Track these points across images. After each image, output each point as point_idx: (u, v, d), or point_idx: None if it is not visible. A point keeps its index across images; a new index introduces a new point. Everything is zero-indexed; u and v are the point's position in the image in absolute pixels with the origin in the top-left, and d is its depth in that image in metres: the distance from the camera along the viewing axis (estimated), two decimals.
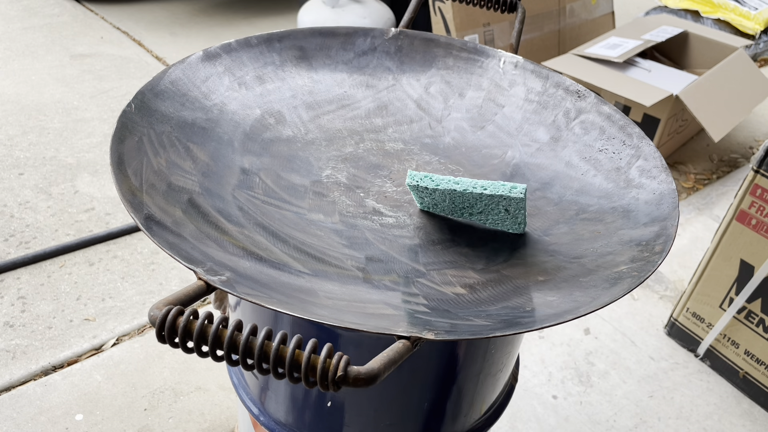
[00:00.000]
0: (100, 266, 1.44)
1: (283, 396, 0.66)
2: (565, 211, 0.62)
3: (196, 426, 1.13)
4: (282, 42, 0.74)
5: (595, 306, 0.46)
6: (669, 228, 0.54)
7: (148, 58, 2.34)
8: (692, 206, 1.82)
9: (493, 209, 0.57)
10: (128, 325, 1.31)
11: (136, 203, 0.49)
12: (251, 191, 0.60)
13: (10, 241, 1.47)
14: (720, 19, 2.73)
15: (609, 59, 1.91)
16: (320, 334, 0.56)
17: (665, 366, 1.33)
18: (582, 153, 0.67)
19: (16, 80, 2.10)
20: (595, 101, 0.70)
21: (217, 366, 1.23)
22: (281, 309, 0.41)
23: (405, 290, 0.52)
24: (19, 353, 1.23)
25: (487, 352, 0.62)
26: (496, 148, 0.70)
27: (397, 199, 0.62)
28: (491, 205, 0.56)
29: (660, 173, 0.61)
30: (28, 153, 1.77)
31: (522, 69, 0.74)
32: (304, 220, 0.58)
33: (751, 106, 1.94)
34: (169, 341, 0.37)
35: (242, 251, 0.51)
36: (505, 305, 0.50)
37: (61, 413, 1.12)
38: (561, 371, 1.30)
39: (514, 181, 0.66)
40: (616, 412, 1.23)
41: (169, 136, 0.60)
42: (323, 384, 0.36)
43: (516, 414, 1.20)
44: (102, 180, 1.70)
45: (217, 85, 0.68)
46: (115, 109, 2.00)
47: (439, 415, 0.65)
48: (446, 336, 0.41)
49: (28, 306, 1.33)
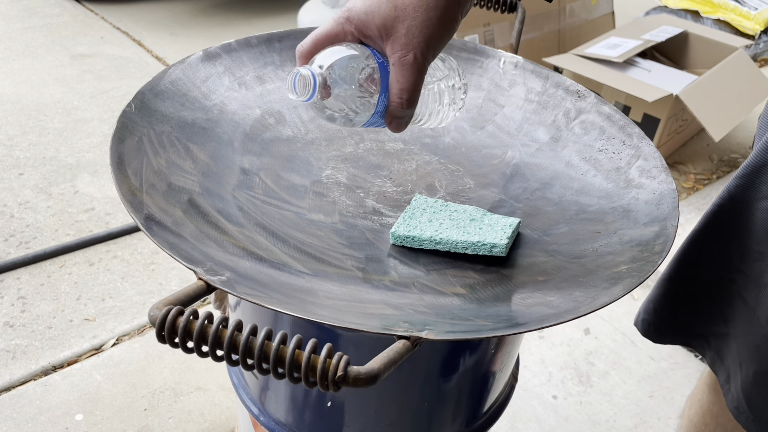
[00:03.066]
0: (100, 266, 1.44)
1: (283, 396, 0.66)
2: (565, 211, 0.62)
3: (196, 426, 1.13)
4: (282, 42, 0.74)
5: (595, 306, 0.46)
6: (669, 228, 0.54)
7: (148, 58, 2.34)
8: (692, 206, 1.82)
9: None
10: (128, 325, 1.31)
11: (136, 203, 0.49)
12: (251, 191, 0.60)
13: (10, 241, 1.47)
14: (720, 19, 2.73)
15: (609, 59, 1.91)
16: (320, 334, 0.56)
17: (665, 366, 1.33)
18: (582, 153, 0.67)
19: (16, 80, 2.10)
20: (595, 101, 0.70)
21: (217, 366, 1.23)
22: (281, 309, 0.41)
23: (405, 290, 0.52)
24: (19, 353, 1.23)
25: (487, 352, 0.62)
26: (496, 148, 0.70)
27: (397, 199, 0.62)
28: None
29: (660, 173, 0.61)
30: (28, 153, 1.77)
31: (522, 69, 0.74)
32: (304, 220, 0.58)
33: (751, 106, 1.94)
34: (169, 341, 0.37)
35: (242, 251, 0.51)
36: (505, 305, 0.50)
37: (61, 413, 1.12)
38: (561, 371, 1.30)
39: (514, 182, 0.66)
40: (616, 412, 1.23)
41: (169, 136, 0.60)
42: (323, 384, 0.36)
43: (516, 414, 1.20)
44: (102, 180, 1.70)
45: (217, 85, 0.68)
46: (115, 109, 2.00)
47: (439, 414, 0.65)
48: (446, 336, 0.41)
49: (28, 306, 1.33)
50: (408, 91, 0.47)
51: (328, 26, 0.49)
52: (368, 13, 0.47)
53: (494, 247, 0.54)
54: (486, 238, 0.55)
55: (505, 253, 0.55)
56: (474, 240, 0.55)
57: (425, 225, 0.57)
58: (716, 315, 0.68)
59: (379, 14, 0.46)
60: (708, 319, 0.69)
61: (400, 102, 0.48)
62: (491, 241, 0.54)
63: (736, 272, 0.63)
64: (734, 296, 0.64)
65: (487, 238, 0.55)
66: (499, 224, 0.57)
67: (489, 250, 0.55)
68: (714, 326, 0.68)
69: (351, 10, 0.48)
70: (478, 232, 0.56)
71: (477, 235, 0.56)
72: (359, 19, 0.47)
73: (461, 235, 0.56)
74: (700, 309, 0.69)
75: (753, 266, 0.61)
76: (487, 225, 0.57)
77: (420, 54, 0.47)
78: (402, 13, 0.46)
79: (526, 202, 0.63)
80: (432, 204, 0.60)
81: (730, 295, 0.65)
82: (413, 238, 0.56)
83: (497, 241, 0.54)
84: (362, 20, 0.47)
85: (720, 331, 0.68)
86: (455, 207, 0.60)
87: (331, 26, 0.49)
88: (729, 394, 0.68)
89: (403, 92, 0.48)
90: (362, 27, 0.48)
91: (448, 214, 0.59)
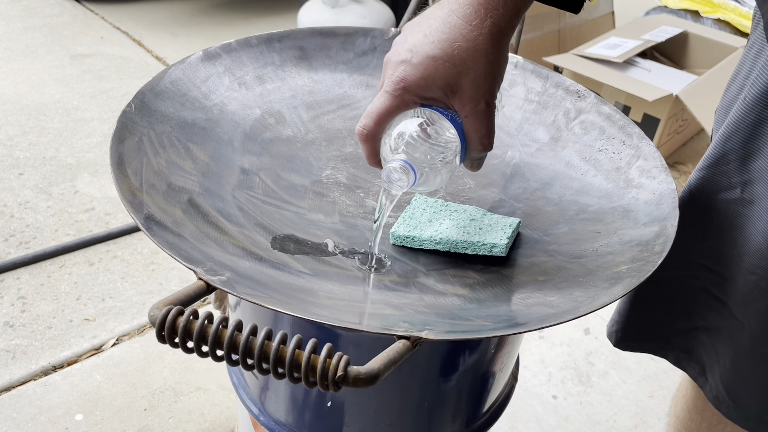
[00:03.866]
0: (100, 266, 1.44)
1: (283, 396, 0.66)
2: (565, 211, 0.62)
3: (196, 426, 1.13)
4: (282, 42, 0.74)
5: (595, 306, 0.46)
6: (669, 228, 0.54)
7: (148, 58, 2.34)
8: None
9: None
10: (128, 325, 1.31)
11: (136, 203, 0.49)
12: (251, 191, 0.60)
13: (10, 241, 1.47)
14: (720, 19, 2.72)
15: (609, 59, 1.91)
16: (320, 334, 0.56)
17: (665, 366, 1.33)
18: (582, 153, 0.67)
19: (16, 80, 2.10)
20: (595, 101, 0.70)
21: (217, 366, 1.23)
22: (281, 309, 0.41)
23: (405, 290, 0.52)
24: (19, 353, 1.23)
25: (487, 352, 0.62)
26: (496, 148, 0.70)
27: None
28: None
29: (660, 173, 0.61)
30: (28, 153, 1.77)
31: (522, 69, 0.74)
32: (304, 220, 0.58)
33: None
34: (169, 341, 0.37)
35: (242, 251, 0.51)
36: (505, 305, 0.50)
37: (61, 413, 1.12)
38: (561, 371, 1.30)
39: (514, 182, 0.66)
40: (616, 412, 1.23)
41: (169, 136, 0.60)
42: (323, 384, 0.36)
43: (516, 414, 1.20)
44: (102, 180, 1.70)
45: (217, 85, 0.68)
46: (115, 109, 2.00)
47: (439, 414, 0.65)
48: (446, 336, 0.41)
49: (28, 306, 1.33)
50: (488, 135, 0.50)
51: (385, 102, 0.49)
52: (426, 78, 0.48)
53: (494, 247, 0.54)
54: (486, 238, 0.55)
55: (505, 253, 0.55)
56: (474, 240, 0.55)
57: (425, 225, 0.57)
58: (677, 313, 0.68)
59: (440, 76, 0.47)
60: (666, 320, 0.69)
61: (482, 147, 0.51)
62: (491, 241, 0.54)
63: (698, 268, 0.63)
64: (698, 292, 0.64)
65: (487, 239, 0.55)
66: (499, 224, 0.57)
67: (489, 250, 0.55)
68: (676, 324, 0.69)
69: (405, 80, 0.48)
70: (478, 232, 0.56)
71: (477, 235, 0.56)
72: (418, 86, 0.48)
73: (461, 235, 0.56)
74: (656, 309, 0.69)
75: (716, 258, 0.61)
76: (487, 225, 0.57)
77: (490, 99, 0.49)
78: (463, 69, 0.47)
79: (526, 202, 0.63)
80: (432, 204, 0.60)
81: (693, 291, 0.65)
82: (413, 238, 0.56)
83: (497, 241, 0.54)
84: (422, 86, 0.48)
85: (683, 327, 0.68)
86: (455, 207, 0.60)
87: (389, 101, 0.49)
88: (707, 386, 0.68)
89: (483, 138, 0.50)
90: (423, 92, 0.49)
91: (448, 214, 0.59)
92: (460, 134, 0.50)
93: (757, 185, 0.55)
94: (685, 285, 0.65)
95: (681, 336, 0.69)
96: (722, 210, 0.59)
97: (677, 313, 0.68)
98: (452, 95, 0.48)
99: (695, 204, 0.61)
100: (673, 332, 0.70)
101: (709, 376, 0.68)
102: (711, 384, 0.68)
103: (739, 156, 0.56)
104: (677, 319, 0.68)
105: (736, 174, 0.57)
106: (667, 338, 0.71)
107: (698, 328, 0.67)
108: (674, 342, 0.70)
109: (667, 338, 0.71)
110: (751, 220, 0.57)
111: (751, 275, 0.58)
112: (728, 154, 0.57)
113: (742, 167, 0.56)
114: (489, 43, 0.46)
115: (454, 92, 0.48)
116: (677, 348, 0.71)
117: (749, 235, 0.57)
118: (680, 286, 0.66)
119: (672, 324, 0.69)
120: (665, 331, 0.70)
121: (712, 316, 0.64)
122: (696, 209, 0.61)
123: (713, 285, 0.63)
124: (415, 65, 0.47)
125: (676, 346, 0.71)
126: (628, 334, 0.73)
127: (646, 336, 0.72)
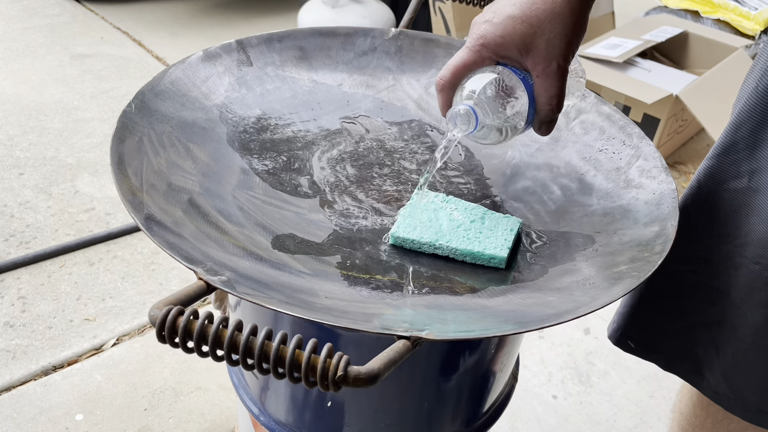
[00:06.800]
0: (100, 266, 1.44)
1: (283, 396, 0.66)
2: (565, 211, 0.62)
3: (196, 426, 1.13)
4: (282, 42, 0.74)
5: (595, 306, 0.46)
6: (669, 228, 0.54)
7: (148, 58, 2.34)
8: None
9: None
10: (128, 325, 1.31)
11: (136, 203, 0.49)
12: (251, 191, 0.60)
13: (10, 241, 1.47)
14: (720, 19, 2.72)
15: (609, 59, 1.91)
16: (320, 334, 0.56)
17: None
18: (582, 153, 0.67)
19: (16, 80, 2.10)
20: (595, 101, 0.70)
21: (217, 366, 1.23)
22: (281, 309, 0.41)
23: (405, 290, 0.52)
24: (19, 353, 1.23)
25: (487, 352, 0.62)
26: (496, 147, 0.70)
27: (397, 199, 0.62)
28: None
29: (660, 173, 0.61)
30: (28, 153, 1.77)
31: None
32: (304, 220, 0.58)
33: None
34: (169, 341, 0.37)
35: (242, 251, 0.51)
36: (506, 305, 0.50)
37: (61, 413, 1.12)
38: (561, 371, 1.30)
39: (514, 182, 0.66)
40: (616, 412, 1.23)
41: (169, 136, 0.60)
42: (323, 384, 0.36)
43: (516, 414, 1.20)
44: (102, 180, 1.70)
45: (217, 85, 0.68)
46: (115, 109, 2.00)
47: (439, 414, 0.65)
48: (446, 336, 0.41)
49: (28, 306, 1.33)
50: (557, 96, 0.52)
51: (463, 56, 0.52)
52: (504, 36, 0.51)
53: (493, 258, 0.55)
54: (486, 247, 0.55)
55: (504, 265, 0.55)
56: (474, 249, 0.55)
57: (425, 226, 0.57)
58: (673, 312, 0.68)
59: (517, 34, 0.50)
60: (660, 319, 0.69)
61: (551, 108, 0.53)
62: (490, 252, 0.55)
63: (700, 262, 0.63)
64: (698, 287, 0.65)
65: (487, 248, 0.55)
66: (499, 228, 0.57)
67: (488, 261, 0.55)
68: (670, 324, 0.69)
69: (484, 37, 0.51)
70: (478, 238, 0.56)
71: (477, 241, 0.56)
72: (496, 44, 0.51)
73: (461, 242, 0.56)
74: (654, 308, 0.69)
75: (720, 250, 0.61)
76: (487, 228, 0.57)
77: (563, 61, 0.51)
78: (539, 29, 0.50)
79: (526, 202, 0.63)
80: (432, 200, 0.60)
81: (692, 286, 0.65)
82: (412, 241, 0.56)
83: (496, 253, 0.55)
84: (499, 44, 0.51)
85: (678, 326, 0.68)
86: (456, 204, 0.60)
87: (467, 55, 0.52)
88: (703, 382, 0.68)
89: (552, 99, 0.52)
90: (500, 50, 0.51)
91: (448, 213, 0.59)
92: (530, 95, 0.52)
93: (764, 174, 0.56)
94: (684, 281, 0.65)
95: (674, 336, 0.69)
96: (729, 199, 0.59)
97: (673, 312, 0.68)
98: (526, 54, 0.51)
99: (703, 194, 0.61)
100: (667, 332, 0.69)
101: (706, 372, 0.68)
102: (708, 380, 0.68)
103: (749, 144, 0.57)
104: (672, 319, 0.68)
105: (744, 162, 0.58)
106: (660, 340, 0.71)
107: (695, 325, 0.67)
108: (666, 343, 0.70)
109: (659, 340, 0.71)
110: (756, 209, 0.57)
111: (755, 265, 0.58)
112: (738, 143, 0.58)
113: (751, 156, 0.57)
114: (567, 7, 0.49)
115: (529, 51, 0.51)
116: (669, 349, 0.70)
117: (754, 224, 0.57)
118: (679, 281, 0.66)
119: (666, 324, 0.69)
120: (659, 331, 0.70)
121: (713, 311, 0.64)
122: (704, 200, 0.61)
123: (714, 278, 0.63)
124: (496, 24, 0.51)
125: (667, 348, 0.70)
126: (627, 333, 0.73)
127: (644, 338, 0.72)
